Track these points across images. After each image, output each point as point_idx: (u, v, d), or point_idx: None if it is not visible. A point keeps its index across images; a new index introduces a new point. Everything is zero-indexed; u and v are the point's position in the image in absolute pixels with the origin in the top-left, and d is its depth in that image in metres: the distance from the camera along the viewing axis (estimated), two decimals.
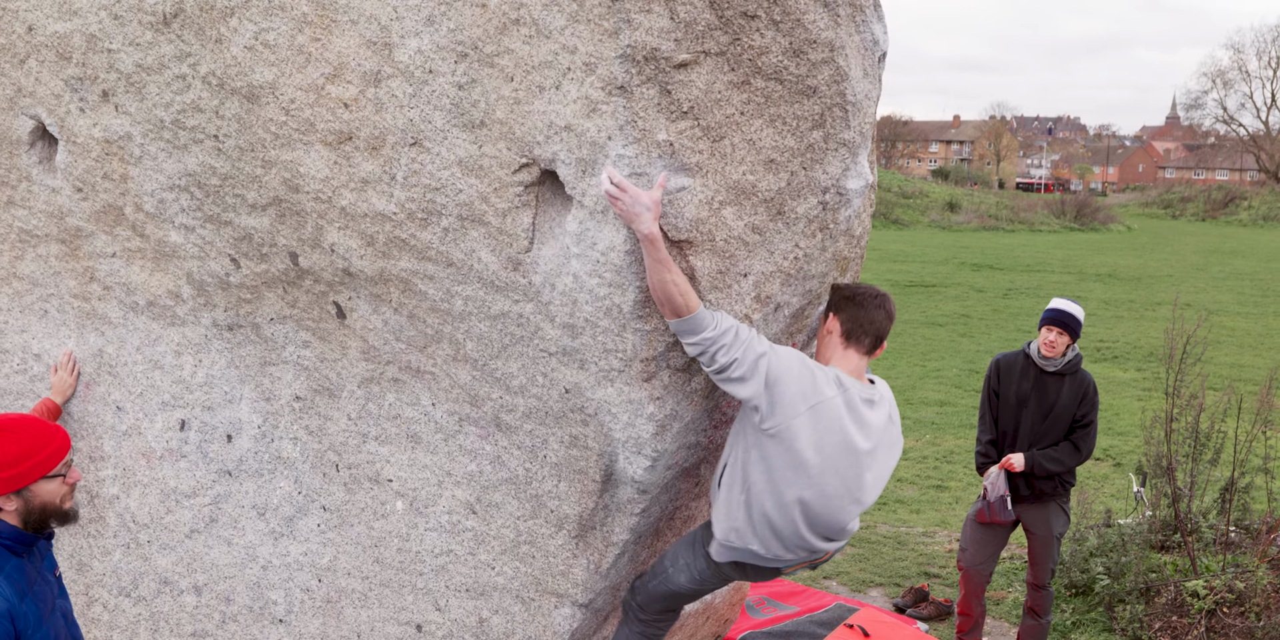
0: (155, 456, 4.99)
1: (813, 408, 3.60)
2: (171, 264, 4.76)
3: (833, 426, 3.65)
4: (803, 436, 3.60)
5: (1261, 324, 21.39)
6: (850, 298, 3.88)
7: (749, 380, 3.53)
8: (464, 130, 3.59)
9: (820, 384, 3.64)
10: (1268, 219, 58.21)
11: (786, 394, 3.56)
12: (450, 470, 4.27)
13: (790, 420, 3.57)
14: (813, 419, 3.61)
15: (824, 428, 3.64)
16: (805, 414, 3.59)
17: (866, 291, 3.88)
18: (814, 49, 3.43)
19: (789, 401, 3.57)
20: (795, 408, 3.57)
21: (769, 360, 3.54)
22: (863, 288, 3.91)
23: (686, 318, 3.42)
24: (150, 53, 4.34)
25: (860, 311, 3.85)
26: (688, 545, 4.09)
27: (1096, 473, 10.89)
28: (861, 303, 3.86)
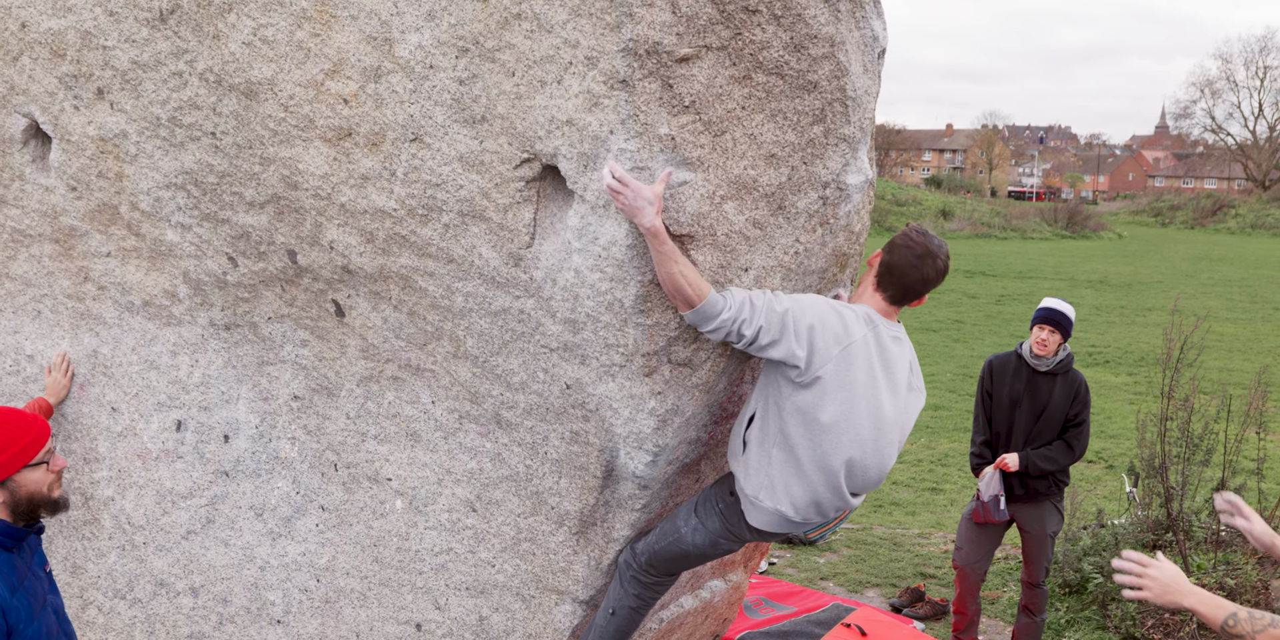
0: (151, 457, 4.97)
1: (845, 350, 3.60)
2: (168, 263, 4.74)
3: (863, 366, 3.64)
4: (833, 391, 3.60)
5: (1250, 329, 21.46)
6: (901, 245, 3.77)
7: (781, 341, 3.51)
8: (465, 126, 3.59)
9: (850, 324, 3.64)
10: (1255, 227, 58.46)
11: (819, 341, 3.55)
12: (450, 468, 4.26)
13: (825, 364, 3.56)
14: (845, 361, 3.60)
15: (857, 367, 3.62)
16: (838, 357, 3.58)
17: (916, 245, 3.75)
18: (815, 44, 3.44)
19: (823, 347, 3.55)
20: (829, 352, 3.56)
21: (793, 314, 3.52)
22: (918, 240, 3.77)
23: (699, 307, 3.41)
24: (146, 49, 4.33)
25: (897, 261, 3.75)
26: (702, 504, 4.02)
27: (1089, 475, 10.91)
28: (903, 253, 3.75)
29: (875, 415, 3.69)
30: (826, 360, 3.55)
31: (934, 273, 3.77)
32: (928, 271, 3.75)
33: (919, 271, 3.74)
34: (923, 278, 3.76)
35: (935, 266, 3.76)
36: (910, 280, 3.75)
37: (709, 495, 4.03)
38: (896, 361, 3.77)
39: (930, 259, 3.74)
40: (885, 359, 3.71)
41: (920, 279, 3.76)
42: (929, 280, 3.78)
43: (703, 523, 3.99)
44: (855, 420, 3.65)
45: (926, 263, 3.73)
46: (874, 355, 3.66)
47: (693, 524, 4.00)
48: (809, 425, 3.62)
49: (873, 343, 3.67)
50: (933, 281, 3.80)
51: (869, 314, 3.72)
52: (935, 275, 3.78)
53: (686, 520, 4.03)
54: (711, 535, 3.98)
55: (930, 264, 3.74)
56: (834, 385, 3.58)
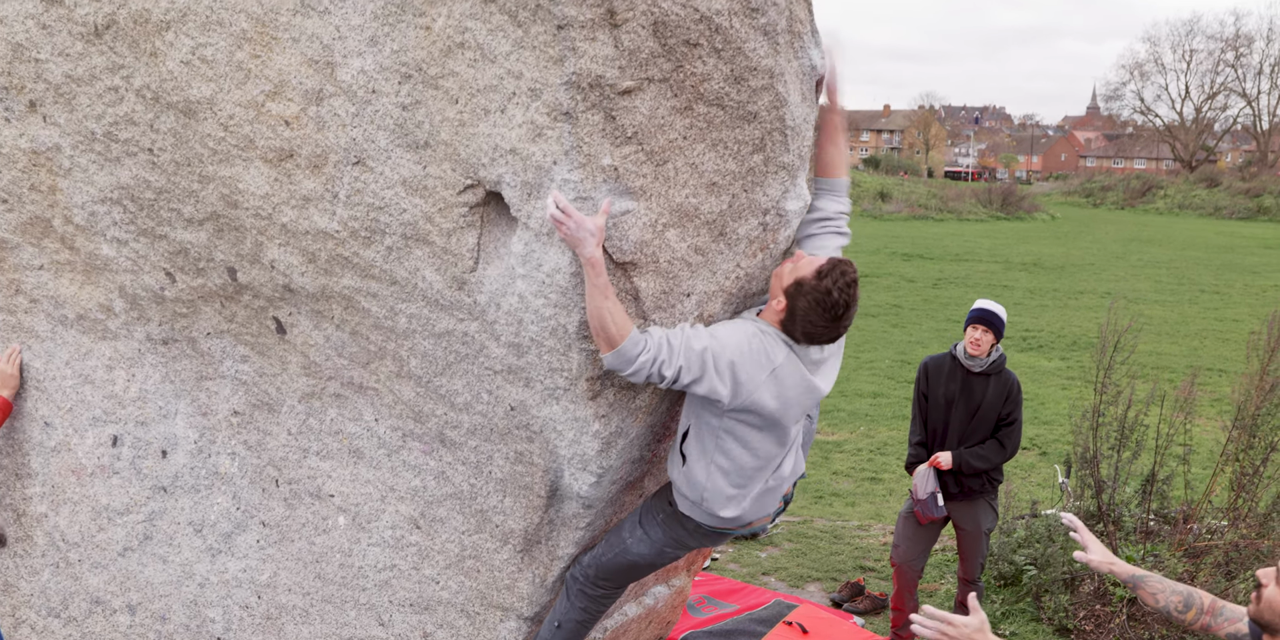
0: (86, 473, 4.93)
1: (771, 373, 3.64)
2: (103, 277, 4.69)
3: (794, 381, 3.70)
4: (768, 403, 3.65)
5: (1178, 312, 21.83)
6: (810, 292, 3.56)
7: (703, 378, 3.55)
8: (408, 150, 3.59)
9: (770, 351, 3.65)
10: (1183, 207, 59.43)
11: (744, 374, 3.58)
12: (393, 485, 4.27)
13: (753, 394, 3.61)
14: (774, 383, 3.65)
15: (788, 385, 3.68)
16: (765, 382, 3.62)
17: (824, 300, 3.55)
18: (754, 76, 3.47)
19: (748, 380, 3.59)
20: (755, 381, 3.61)
21: (713, 352, 3.55)
22: (825, 288, 3.55)
23: (617, 350, 3.43)
24: (80, 64, 4.27)
25: (801, 310, 3.59)
26: (645, 515, 4.08)
27: (1024, 462, 11.08)
28: (808, 303, 3.57)
29: (798, 416, 3.83)
30: (756, 387, 3.61)
31: (837, 331, 3.67)
32: (830, 331, 3.65)
33: (823, 329, 3.63)
34: (826, 335, 3.66)
35: (840, 325, 3.64)
36: (814, 331, 3.64)
37: (650, 506, 4.08)
38: (825, 363, 3.86)
39: (835, 320, 3.61)
40: (810, 366, 3.77)
41: (824, 335, 3.66)
42: (833, 337, 3.70)
43: (647, 533, 4.04)
44: (789, 429, 3.78)
45: (831, 322, 3.61)
46: (802, 368, 3.72)
47: (637, 535, 4.05)
48: (746, 441, 3.71)
49: (797, 358, 3.71)
50: (838, 336, 3.71)
51: (785, 338, 3.71)
52: (840, 329, 3.67)
53: (631, 532, 4.08)
54: (656, 545, 4.04)
55: (835, 326, 3.63)
56: (771, 405, 3.67)
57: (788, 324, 3.66)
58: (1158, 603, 3.61)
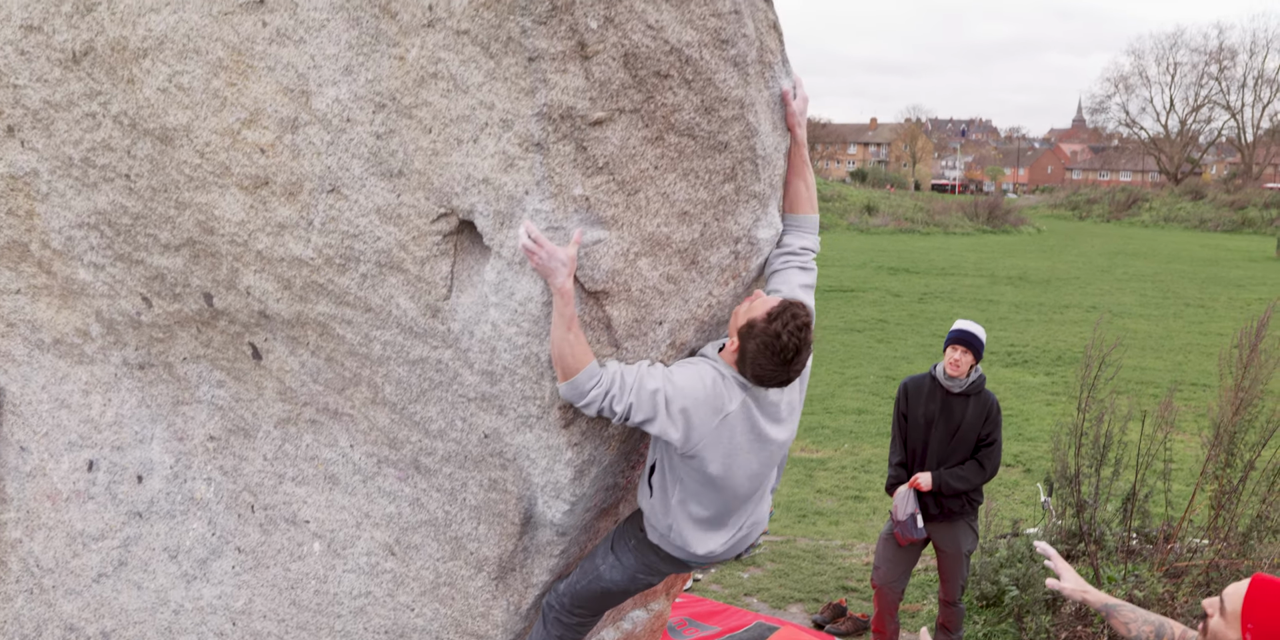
0: (61, 498, 4.92)
1: (723, 420, 3.62)
2: (80, 302, 4.70)
3: (743, 429, 3.68)
4: (718, 451, 3.65)
5: (1162, 326, 21.89)
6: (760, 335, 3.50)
7: (654, 419, 3.55)
8: (382, 179, 3.60)
9: (723, 398, 3.62)
10: (1168, 220, 59.66)
11: (696, 419, 3.58)
12: (369, 512, 4.27)
13: (703, 439, 3.60)
14: (725, 429, 3.63)
15: (737, 432, 3.66)
16: (716, 428, 3.61)
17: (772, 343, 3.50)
18: (725, 106, 3.48)
19: (700, 425, 3.59)
20: (707, 425, 3.60)
21: (665, 395, 3.54)
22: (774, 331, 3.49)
23: (571, 381, 3.45)
24: (59, 90, 4.29)
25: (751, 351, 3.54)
26: (618, 541, 4.07)
27: (1007, 479, 11.10)
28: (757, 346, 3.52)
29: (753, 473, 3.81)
30: (706, 433, 3.60)
31: (787, 374, 3.59)
32: (780, 374, 3.58)
33: (771, 373, 3.56)
34: (776, 378, 3.59)
35: (790, 369, 3.57)
36: (763, 373, 3.57)
37: (623, 532, 4.08)
38: (779, 411, 3.79)
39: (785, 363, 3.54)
40: (766, 412, 3.74)
41: (774, 378, 3.59)
42: (783, 380, 3.62)
43: (619, 559, 4.03)
44: (738, 475, 3.75)
45: (780, 365, 3.54)
46: (755, 413, 3.70)
47: (610, 561, 4.04)
48: (703, 479, 3.70)
49: (751, 403, 3.68)
50: (788, 379, 3.63)
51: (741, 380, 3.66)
52: (789, 373, 3.59)
53: (604, 558, 4.07)
54: (629, 571, 4.03)
55: (785, 369, 3.56)
56: (717, 450, 3.65)
57: (740, 364, 3.61)
58: (1130, 632, 3.61)
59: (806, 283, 3.94)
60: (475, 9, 3.20)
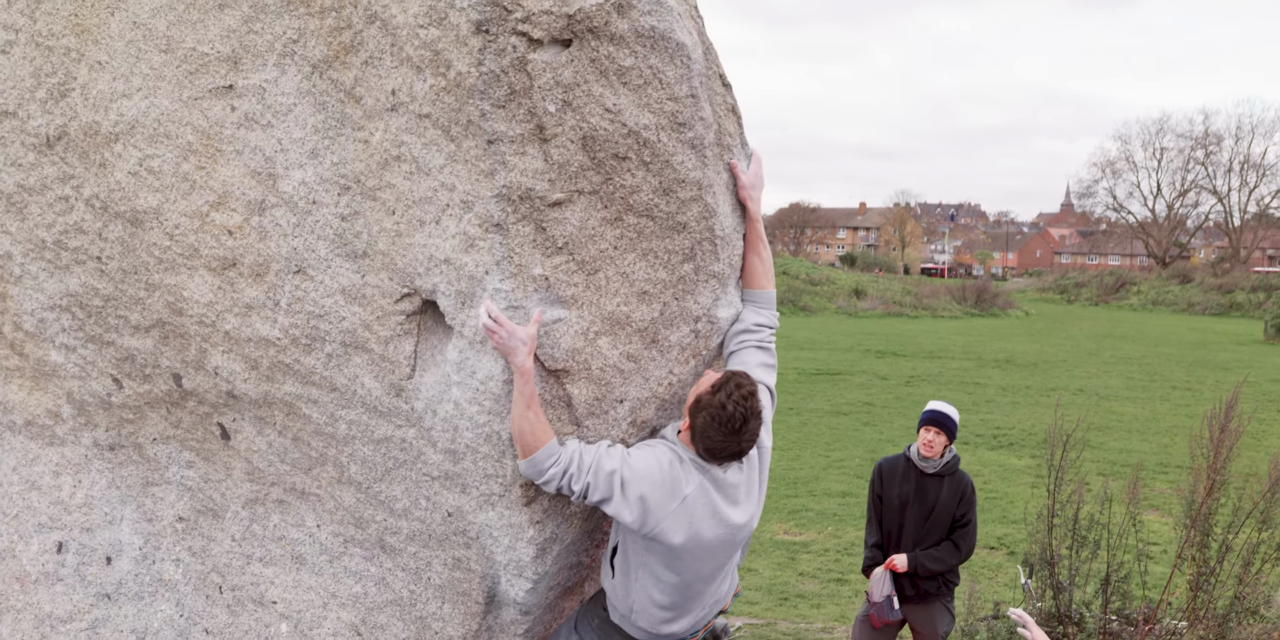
0: (30, 580, 4.90)
1: (681, 503, 3.62)
2: (51, 383, 4.73)
3: (703, 512, 3.66)
4: (675, 535, 3.63)
5: (1149, 409, 21.90)
6: (706, 408, 3.53)
7: (611, 499, 3.57)
8: (347, 260, 3.66)
9: (680, 481, 3.61)
10: (1156, 303, 59.97)
11: (653, 502, 3.59)
12: (335, 591, 4.26)
13: (660, 522, 3.60)
14: (684, 512, 3.62)
15: (697, 515, 3.65)
16: (674, 512, 3.61)
17: (720, 417, 3.51)
18: (683, 188, 3.56)
19: (657, 508, 3.59)
20: (664, 509, 3.60)
21: (621, 474, 3.56)
22: (719, 403, 3.51)
23: (530, 458, 3.48)
24: (32, 174, 4.36)
25: (701, 426, 3.55)
26: (581, 621, 4.03)
27: (990, 562, 11.04)
28: (706, 420, 3.53)
29: (715, 553, 3.78)
30: (664, 516, 3.61)
31: (739, 445, 3.59)
32: (731, 445, 3.57)
33: (722, 444, 3.56)
34: (728, 450, 3.59)
35: (740, 438, 3.57)
36: (715, 446, 3.58)
37: (586, 612, 4.06)
38: (737, 493, 3.75)
39: (734, 433, 3.54)
40: (727, 495, 3.72)
41: (725, 450, 3.59)
42: (735, 452, 3.61)
43: (582, 639, 4.01)
44: (699, 552, 3.73)
45: (729, 435, 3.54)
46: (714, 496, 3.69)
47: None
48: (665, 558, 3.69)
49: (710, 485, 3.68)
50: (740, 451, 3.63)
51: (698, 462, 3.67)
52: (740, 443, 3.59)
53: (567, 637, 4.06)
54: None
55: (734, 439, 3.56)
56: (679, 525, 3.64)
57: (694, 442, 3.62)
58: None
59: (766, 362, 3.97)
60: (436, 93, 3.29)
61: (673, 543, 3.64)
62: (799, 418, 19.50)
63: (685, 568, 3.73)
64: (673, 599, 3.79)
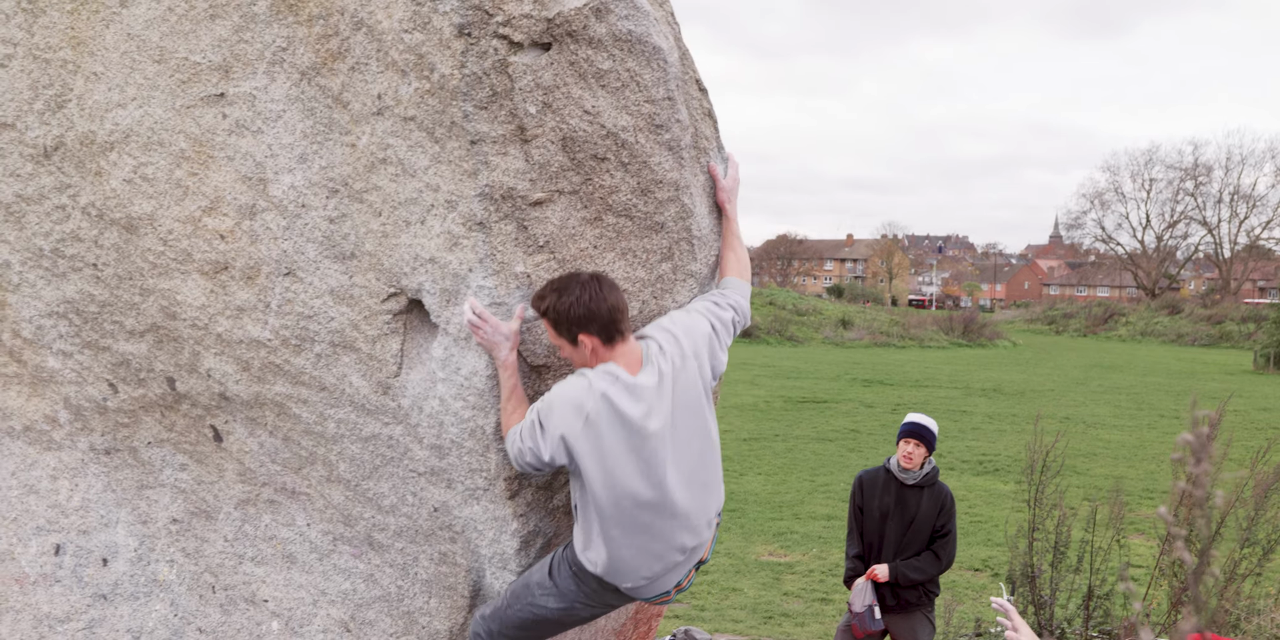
0: (29, 582, 5.00)
1: (586, 422, 3.46)
2: (49, 389, 4.84)
3: (612, 431, 3.47)
4: (594, 465, 3.49)
5: (1136, 436, 22.02)
6: (550, 293, 3.48)
7: (543, 448, 3.47)
8: (335, 261, 3.79)
9: (584, 397, 3.47)
10: (1145, 334, 60.20)
11: (556, 417, 3.46)
12: (325, 589, 4.36)
13: (575, 444, 3.46)
14: (592, 435, 3.46)
15: (605, 436, 3.47)
16: (581, 433, 3.45)
17: (556, 303, 3.46)
18: (660, 188, 3.70)
19: (560, 422, 3.46)
20: (570, 425, 3.45)
21: (539, 414, 3.49)
22: (550, 300, 3.48)
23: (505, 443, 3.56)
24: (30, 184, 4.49)
25: (560, 318, 3.47)
26: (557, 566, 3.82)
27: (975, 583, 11.12)
28: (561, 303, 3.45)
29: (643, 470, 3.55)
30: (575, 436, 3.46)
31: (603, 297, 3.48)
32: (596, 303, 3.47)
33: (587, 306, 3.46)
34: (598, 310, 3.48)
35: (594, 289, 3.47)
36: (576, 313, 3.47)
37: (562, 558, 3.84)
38: (643, 390, 3.54)
39: (571, 287, 3.47)
40: (632, 394, 3.52)
41: (599, 310, 3.49)
42: (593, 302, 3.48)
43: (556, 585, 3.80)
44: (631, 481, 3.53)
45: (576, 291, 3.46)
46: (622, 405, 3.49)
47: (546, 586, 3.82)
48: (601, 499, 3.54)
49: (618, 394, 3.49)
50: (615, 305, 3.52)
51: (607, 370, 3.52)
52: (606, 299, 3.49)
53: (540, 583, 3.84)
54: (566, 599, 3.81)
55: (589, 294, 3.46)
56: (593, 461, 3.49)
57: (576, 335, 3.52)
58: None
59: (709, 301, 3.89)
60: (421, 96, 3.43)
61: (592, 470, 3.49)
62: (785, 444, 19.59)
63: (621, 496, 3.53)
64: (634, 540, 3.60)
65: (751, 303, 4.34)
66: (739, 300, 3.96)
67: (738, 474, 16.65)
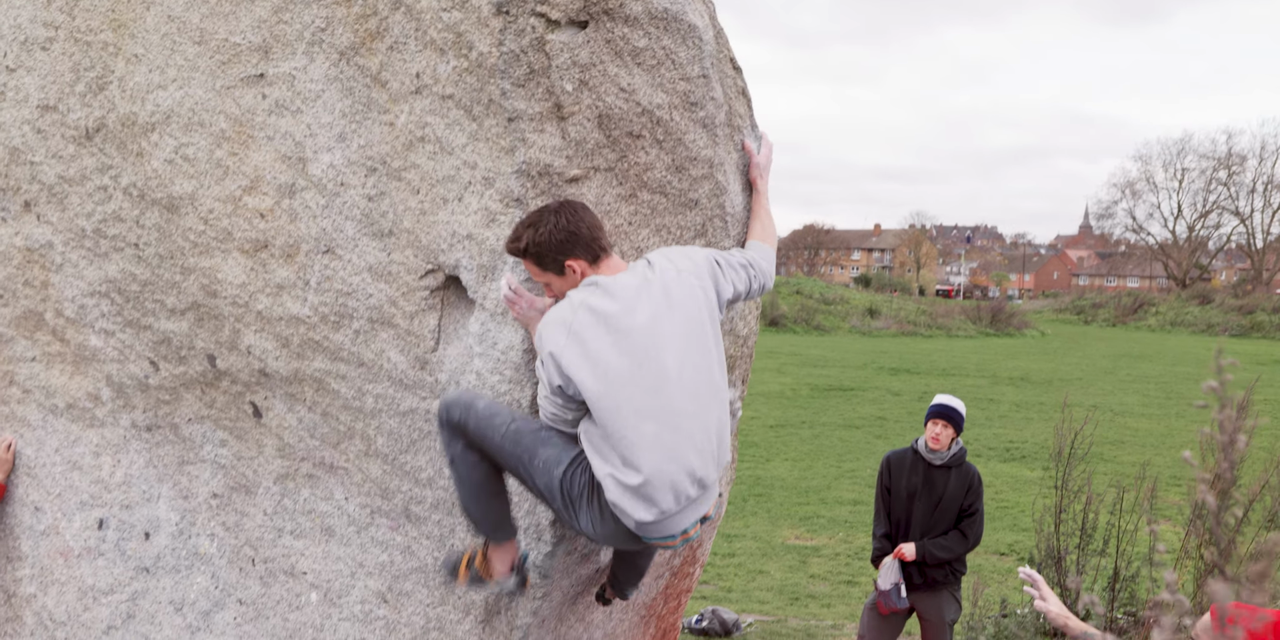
0: (73, 555, 5.11)
1: (570, 334, 3.38)
2: (91, 367, 4.93)
3: (597, 329, 3.39)
4: (585, 373, 3.38)
5: (1164, 425, 21.97)
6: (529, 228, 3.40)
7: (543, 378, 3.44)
8: (373, 239, 3.87)
9: (565, 313, 3.42)
10: (1175, 324, 59.71)
11: (546, 335, 3.42)
12: (363, 561, 4.44)
13: (564, 359, 3.37)
14: (576, 344, 3.38)
15: (591, 338, 3.39)
16: (566, 345, 3.38)
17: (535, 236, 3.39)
18: (695, 165, 3.76)
19: (549, 339, 3.41)
20: (556, 341, 3.39)
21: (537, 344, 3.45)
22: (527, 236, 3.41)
23: None
24: (72, 165, 4.58)
25: (544, 242, 3.39)
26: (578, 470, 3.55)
27: (1001, 567, 11.17)
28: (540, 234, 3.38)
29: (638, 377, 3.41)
30: (562, 352, 3.38)
31: (579, 218, 3.41)
32: (575, 226, 3.40)
33: (566, 230, 3.39)
34: (578, 231, 3.42)
35: (568, 213, 3.40)
36: (563, 236, 3.40)
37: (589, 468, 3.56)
38: (624, 288, 3.45)
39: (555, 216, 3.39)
40: (608, 294, 3.43)
41: (579, 231, 3.42)
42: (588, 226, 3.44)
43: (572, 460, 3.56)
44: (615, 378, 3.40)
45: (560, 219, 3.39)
46: (605, 304, 3.42)
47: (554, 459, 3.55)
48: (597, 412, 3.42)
49: (600, 295, 3.43)
50: (592, 223, 3.46)
51: (589, 281, 3.46)
52: (582, 219, 3.42)
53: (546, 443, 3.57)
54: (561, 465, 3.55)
55: (565, 218, 3.39)
56: (584, 370, 3.39)
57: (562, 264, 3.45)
58: None
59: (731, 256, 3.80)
60: (459, 74, 3.50)
61: (585, 379, 3.38)
62: (811, 431, 19.64)
63: (614, 393, 3.40)
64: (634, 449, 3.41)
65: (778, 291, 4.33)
66: (755, 257, 3.85)
67: (764, 459, 16.72)
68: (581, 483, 3.52)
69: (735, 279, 3.72)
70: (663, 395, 3.42)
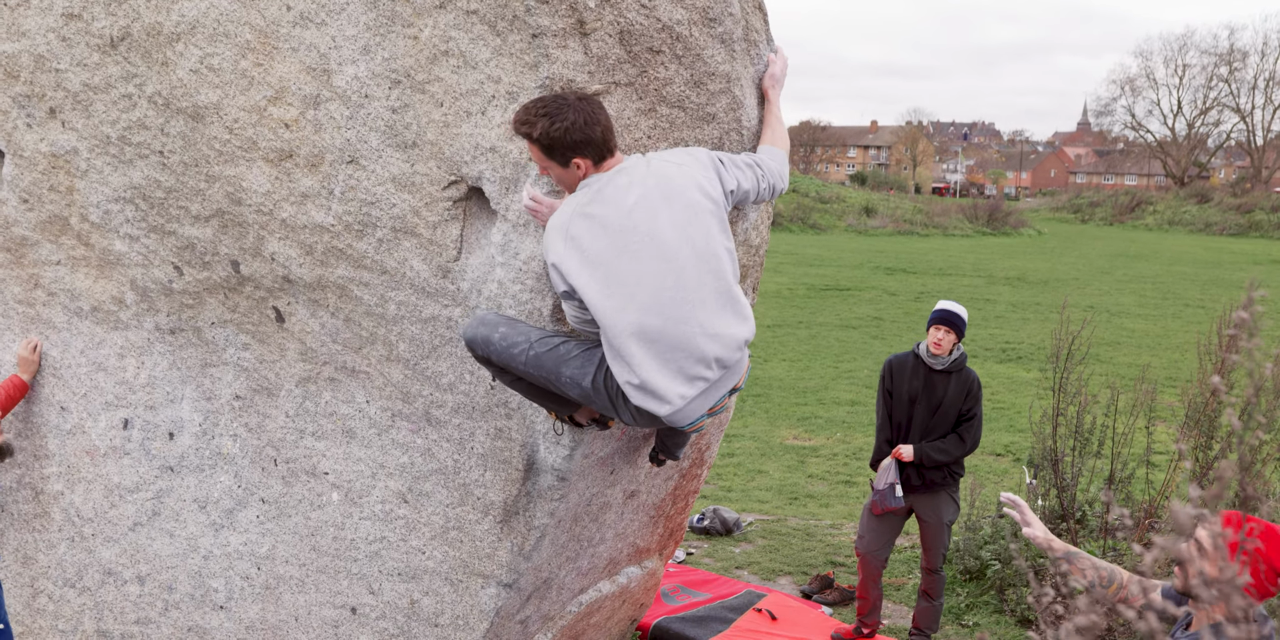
0: (99, 454, 5.27)
1: (567, 240, 3.47)
2: (116, 271, 5.04)
3: (595, 232, 3.47)
4: (585, 278, 3.47)
5: (1161, 325, 22.17)
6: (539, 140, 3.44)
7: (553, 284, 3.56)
8: (397, 150, 3.94)
9: (564, 219, 3.49)
10: (1172, 223, 59.69)
11: (548, 242, 3.51)
12: (383, 463, 4.60)
13: (565, 265, 3.47)
14: (575, 250, 3.46)
15: (590, 244, 3.46)
16: (564, 251, 3.46)
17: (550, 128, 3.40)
18: (712, 80, 3.83)
19: (551, 245, 3.49)
20: (558, 251, 3.47)
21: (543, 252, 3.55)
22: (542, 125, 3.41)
23: None
24: (97, 73, 4.63)
25: (555, 143, 3.43)
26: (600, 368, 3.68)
27: (997, 467, 11.41)
28: (553, 129, 3.40)
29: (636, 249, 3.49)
30: (562, 258, 3.48)
31: (596, 119, 3.44)
32: (591, 128, 3.44)
33: (583, 131, 3.42)
34: (593, 134, 3.45)
35: (587, 112, 3.42)
36: (587, 139, 3.45)
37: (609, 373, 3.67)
38: (617, 188, 3.51)
39: (574, 113, 3.40)
40: (601, 194, 3.51)
41: (594, 134, 3.45)
42: (602, 129, 3.47)
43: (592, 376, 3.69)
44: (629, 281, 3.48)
45: (580, 118, 3.41)
46: (596, 208, 3.49)
47: (576, 367, 3.70)
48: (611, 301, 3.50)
49: (594, 197, 3.50)
50: (606, 125, 3.49)
51: (585, 185, 3.54)
52: (599, 120, 3.46)
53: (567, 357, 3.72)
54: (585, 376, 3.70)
55: (584, 118, 3.41)
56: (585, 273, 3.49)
57: (571, 159, 3.49)
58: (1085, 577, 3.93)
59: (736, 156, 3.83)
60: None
61: (587, 282, 3.47)
62: (808, 331, 19.84)
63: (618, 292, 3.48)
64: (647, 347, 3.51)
65: None
66: (763, 159, 3.89)
67: (762, 359, 16.92)
68: (614, 386, 3.64)
69: (740, 176, 3.75)
70: (666, 288, 3.48)
